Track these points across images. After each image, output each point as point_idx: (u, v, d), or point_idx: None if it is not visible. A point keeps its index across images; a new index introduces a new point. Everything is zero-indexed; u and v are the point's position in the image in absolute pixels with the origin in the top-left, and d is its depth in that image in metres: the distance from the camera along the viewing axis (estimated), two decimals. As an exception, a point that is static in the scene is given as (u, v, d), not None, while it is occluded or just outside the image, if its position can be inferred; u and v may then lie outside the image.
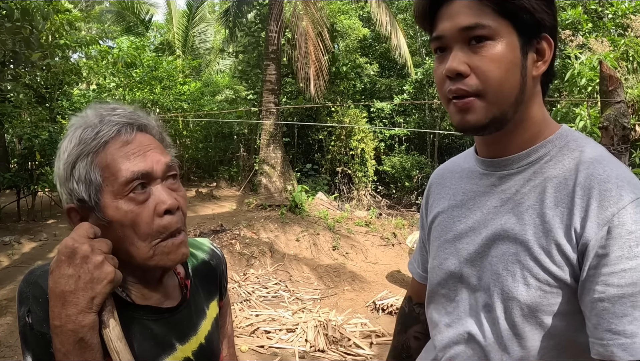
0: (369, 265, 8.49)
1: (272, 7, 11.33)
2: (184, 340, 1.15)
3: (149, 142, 1.09)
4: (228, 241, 8.29)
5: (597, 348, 0.96)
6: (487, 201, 1.16)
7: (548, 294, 1.03)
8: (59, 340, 0.93)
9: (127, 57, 12.44)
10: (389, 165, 14.64)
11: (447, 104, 1.09)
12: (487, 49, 1.01)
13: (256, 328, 5.47)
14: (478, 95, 1.03)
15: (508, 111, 1.05)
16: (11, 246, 7.77)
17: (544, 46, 1.07)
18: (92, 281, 0.94)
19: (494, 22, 1.01)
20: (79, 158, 1.03)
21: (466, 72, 1.02)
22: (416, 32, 16.62)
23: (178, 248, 1.07)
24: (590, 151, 1.07)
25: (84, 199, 1.03)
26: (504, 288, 1.07)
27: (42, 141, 9.12)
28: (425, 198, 1.44)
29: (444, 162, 1.45)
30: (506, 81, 1.03)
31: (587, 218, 0.98)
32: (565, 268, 1.01)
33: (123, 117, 1.07)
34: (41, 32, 9.60)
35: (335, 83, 14.54)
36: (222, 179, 14.88)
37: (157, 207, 1.04)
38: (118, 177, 1.01)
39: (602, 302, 0.95)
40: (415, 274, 1.53)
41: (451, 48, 1.05)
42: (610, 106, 3.80)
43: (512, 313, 1.07)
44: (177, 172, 1.11)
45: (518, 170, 1.12)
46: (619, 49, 6.83)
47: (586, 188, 1.01)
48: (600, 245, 0.95)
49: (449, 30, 1.04)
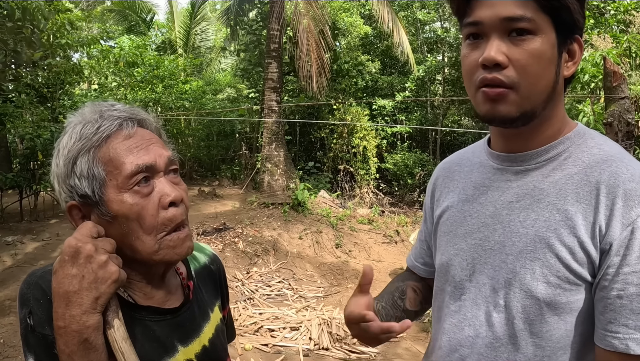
0: (372, 263, 8.48)
1: (273, 5, 11.30)
2: (186, 342, 1.14)
3: (150, 136, 1.08)
4: (231, 239, 8.29)
5: (610, 341, 0.98)
6: (501, 196, 1.15)
7: (567, 292, 1.03)
8: (63, 340, 0.92)
9: (128, 57, 12.44)
10: (391, 163, 14.61)
11: (474, 92, 1.07)
12: (529, 43, 1.00)
13: (260, 327, 5.47)
14: (513, 87, 1.02)
15: (538, 107, 1.05)
16: (14, 246, 7.77)
17: (576, 47, 1.07)
18: (96, 281, 0.94)
19: (537, 16, 1.00)
20: (80, 154, 1.02)
21: (505, 63, 1.01)
22: (417, 29, 16.60)
23: (184, 241, 1.06)
24: (610, 148, 1.08)
25: (86, 195, 1.02)
26: (522, 286, 1.06)
27: (44, 140, 9.12)
28: (430, 191, 1.42)
29: (450, 156, 1.43)
30: (542, 78, 1.02)
31: (612, 217, 0.98)
32: (586, 265, 1.01)
33: (123, 112, 1.07)
34: (42, 32, 9.59)
35: (337, 81, 14.51)
36: (224, 177, 14.86)
37: (162, 199, 1.03)
38: (122, 170, 1.01)
39: (620, 299, 0.97)
40: (413, 266, 1.51)
41: (488, 36, 1.03)
42: (614, 102, 3.79)
43: (529, 312, 1.06)
44: (177, 166, 1.11)
45: (536, 166, 1.11)
46: (622, 46, 6.80)
47: (611, 186, 1.00)
48: (624, 245, 0.96)
49: (489, 18, 1.01)
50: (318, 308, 6.15)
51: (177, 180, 1.09)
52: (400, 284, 1.46)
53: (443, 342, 1.23)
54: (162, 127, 1.17)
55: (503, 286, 1.10)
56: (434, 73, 15.57)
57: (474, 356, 1.15)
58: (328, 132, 14.55)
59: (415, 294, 1.44)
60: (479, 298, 1.15)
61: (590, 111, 6.04)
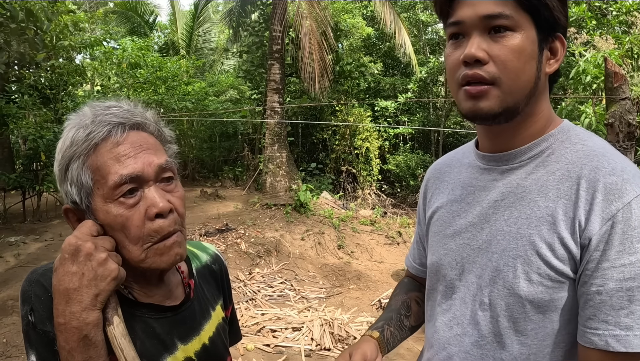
0: (374, 264, 8.49)
1: (275, 6, 11.31)
2: (186, 340, 1.15)
3: (143, 142, 1.06)
4: (233, 240, 8.30)
5: (589, 337, 0.97)
6: (487, 196, 1.16)
7: (550, 290, 1.02)
8: (63, 337, 0.93)
9: (131, 58, 12.46)
10: (394, 164, 14.62)
11: (457, 89, 1.08)
12: (508, 39, 1.02)
13: (262, 327, 5.47)
14: (494, 83, 1.03)
15: (520, 103, 1.05)
16: (17, 246, 7.80)
17: (557, 45, 1.08)
18: (95, 278, 0.95)
19: (516, 13, 1.01)
20: (71, 160, 1.02)
21: (485, 59, 1.02)
22: (420, 30, 16.61)
23: (170, 249, 1.04)
24: (593, 144, 1.07)
25: (75, 202, 1.03)
26: (505, 284, 1.07)
27: (47, 141, 9.14)
28: (422, 192, 1.43)
29: (441, 157, 1.44)
30: (523, 73, 1.03)
31: (592, 212, 0.98)
32: (567, 262, 1.01)
33: (115, 116, 1.04)
34: (45, 33, 9.63)
35: (339, 82, 14.52)
36: (227, 178, 14.88)
37: (148, 210, 1.01)
38: (107, 180, 1.00)
39: (599, 295, 0.96)
40: (411, 267, 1.52)
41: (469, 35, 1.05)
42: (615, 102, 3.79)
43: (513, 310, 1.06)
44: (173, 173, 1.09)
45: (520, 164, 1.12)
46: (624, 47, 6.80)
47: (591, 180, 1.00)
48: (603, 240, 0.96)
49: (469, 17, 1.03)
50: (320, 309, 6.15)
51: (170, 187, 1.07)
52: (405, 298, 1.46)
53: (434, 340, 1.24)
54: (165, 126, 1.15)
55: (488, 284, 1.10)
56: (437, 74, 15.58)
57: (461, 354, 1.15)
58: (330, 134, 14.56)
59: (419, 307, 1.45)
60: (467, 296, 1.15)
61: (592, 112, 6.04)
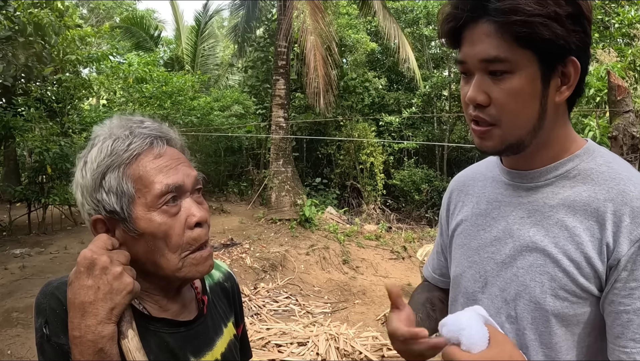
0: (380, 279, 8.46)
1: (280, 22, 11.39)
2: (198, 355, 1.15)
3: (178, 155, 1.11)
4: (238, 255, 8.30)
5: (619, 355, 1.01)
6: (513, 212, 1.17)
7: (574, 305, 1.05)
8: (79, 350, 0.93)
9: (137, 73, 12.54)
10: (398, 179, 14.62)
11: (470, 124, 1.13)
12: (506, 82, 1.03)
13: (267, 342, 5.45)
14: (495, 124, 1.06)
15: (524, 139, 1.08)
16: (22, 259, 7.82)
17: (570, 70, 1.05)
18: (111, 292, 0.95)
19: (513, 53, 1.01)
20: (109, 169, 1.03)
21: (485, 102, 1.05)
22: (423, 45, 16.68)
23: (206, 260, 1.09)
24: (618, 167, 1.10)
25: (114, 211, 1.03)
26: (531, 298, 1.09)
27: (53, 154, 9.19)
28: (445, 204, 1.45)
29: (464, 170, 1.46)
30: (522, 113, 1.05)
31: (620, 234, 1.01)
32: (593, 280, 1.04)
33: (153, 130, 1.08)
34: (53, 47, 9.72)
35: (343, 97, 14.58)
36: (231, 193, 14.88)
37: (189, 219, 1.05)
38: (151, 189, 1.03)
39: (627, 314, 1.00)
40: (431, 278, 1.53)
41: (473, 74, 1.07)
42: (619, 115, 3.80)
43: (538, 323, 1.09)
44: (202, 186, 1.14)
45: (545, 183, 1.14)
46: (626, 59, 6.82)
47: (618, 204, 1.03)
48: (632, 260, 1.00)
49: (470, 58, 1.06)
50: (325, 324, 6.12)
51: (200, 200, 1.12)
52: (429, 295, 1.48)
53: None
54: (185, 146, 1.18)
55: (514, 298, 1.13)
56: (440, 89, 15.63)
57: None
58: (335, 149, 14.60)
59: (443, 305, 1.46)
60: (492, 309, 1.17)
61: (595, 125, 6.05)
